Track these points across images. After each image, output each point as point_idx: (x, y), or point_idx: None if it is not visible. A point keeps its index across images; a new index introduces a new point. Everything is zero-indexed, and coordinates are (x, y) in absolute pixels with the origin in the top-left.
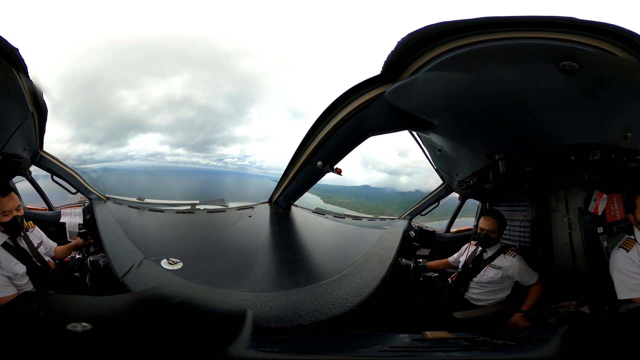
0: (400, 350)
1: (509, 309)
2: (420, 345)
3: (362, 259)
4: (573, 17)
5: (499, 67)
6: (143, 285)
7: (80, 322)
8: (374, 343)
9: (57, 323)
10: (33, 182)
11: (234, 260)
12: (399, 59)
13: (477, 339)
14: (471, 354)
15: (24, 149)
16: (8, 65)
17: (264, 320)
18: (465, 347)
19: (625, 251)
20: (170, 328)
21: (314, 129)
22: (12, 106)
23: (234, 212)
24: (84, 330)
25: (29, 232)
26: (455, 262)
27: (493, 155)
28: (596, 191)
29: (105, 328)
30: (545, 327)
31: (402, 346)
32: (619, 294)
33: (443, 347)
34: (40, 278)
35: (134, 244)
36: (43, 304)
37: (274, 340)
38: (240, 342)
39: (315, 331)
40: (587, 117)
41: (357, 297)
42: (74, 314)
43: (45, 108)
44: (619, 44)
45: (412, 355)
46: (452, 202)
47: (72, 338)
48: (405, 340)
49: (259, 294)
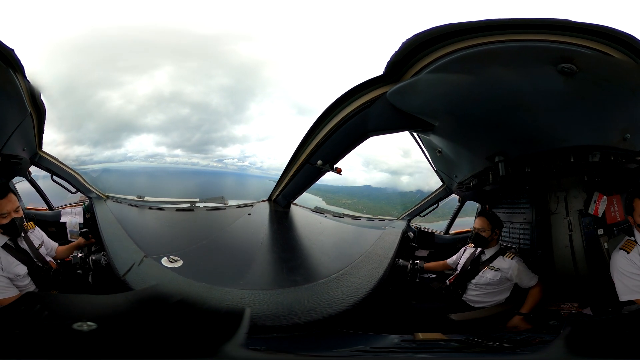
0: (381, 350)
1: (508, 311)
2: (407, 346)
3: (360, 258)
4: (568, 19)
5: (499, 70)
6: (144, 283)
7: (85, 321)
8: (365, 343)
9: (62, 323)
10: (33, 183)
11: (233, 258)
12: (402, 60)
13: (470, 341)
14: (460, 356)
15: (23, 150)
16: (5, 66)
17: (261, 318)
18: (456, 349)
19: (626, 253)
20: (170, 325)
21: (315, 127)
22: (10, 107)
23: (234, 210)
24: (90, 329)
25: (29, 233)
26: (454, 264)
27: (493, 157)
28: (596, 193)
29: (109, 326)
30: (546, 330)
31: (385, 347)
32: (621, 296)
33: (431, 349)
34: (42, 278)
35: (134, 242)
36: (47, 304)
37: (267, 338)
38: (237, 340)
39: (308, 330)
40: (586, 118)
41: (354, 297)
42: (78, 313)
43: (43, 108)
44: (614, 45)
45: (390, 356)
46: (454, 202)
47: (77, 337)
48: (394, 341)
49: (257, 292)
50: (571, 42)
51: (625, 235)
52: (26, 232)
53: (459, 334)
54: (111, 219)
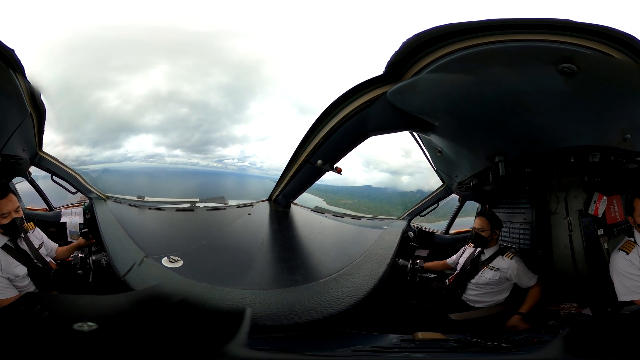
0: (381, 350)
1: (508, 311)
2: (406, 345)
3: (360, 258)
4: (569, 19)
5: (500, 70)
6: (145, 284)
7: (86, 322)
8: (365, 343)
9: (63, 323)
10: (33, 183)
11: (233, 258)
12: (402, 60)
13: (469, 341)
14: (458, 355)
15: (23, 150)
16: (5, 67)
17: (262, 318)
18: (454, 349)
19: (625, 253)
20: (172, 326)
21: (315, 127)
22: (10, 107)
23: (234, 210)
24: (91, 330)
25: (29, 233)
26: (454, 264)
27: (493, 157)
28: (596, 193)
29: (110, 327)
30: (545, 330)
31: (384, 346)
32: (620, 297)
33: (429, 348)
34: (42, 279)
35: (134, 242)
36: (47, 304)
37: (268, 338)
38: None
39: (309, 330)
40: (587, 119)
41: (354, 296)
42: (79, 313)
43: (43, 108)
44: (615, 45)
45: (389, 356)
46: (454, 202)
47: (78, 338)
48: (394, 341)
49: (257, 291)
50: (572, 42)
51: (625, 236)
52: (26, 233)
53: (457, 334)
54: (111, 219)
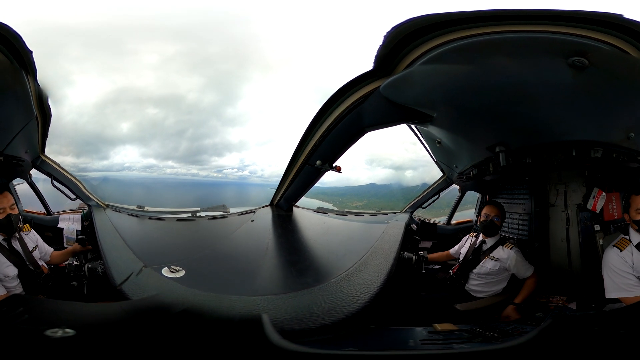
0: (433, 342)
1: (505, 301)
2: (435, 337)
3: (367, 254)
4: (587, 10)
5: (502, 60)
6: (143, 293)
7: (63, 328)
8: (395, 337)
9: (36, 327)
10: (33, 186)
11: (239, 265)
12: (390, 53)
13: (474, 331)
14: (473, 346)
15: (25, 152)
16: (19, 67)
17: (284, 322)
18: (467, 339)
19: (619, 250)
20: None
21: (311, 128)
22: (17, 108)
23: (236, 218)
24: (64, 337)
25: (24, 235)
26: (456, 254)
27: (493, 148)
28: (595, 188)
29: (96, 335)
30: (531, 321)
31: (430, 339)
32: (608, 293)
33: (454, 339)
34: (32, 282)
35: (133, 251)
36: (30, 307)
37: (304, 342)
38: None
39: (337, 330)
40: (592, 114)
41: (367, 292)
42: (62, 319)
43: (49, 112)
44: (634, 42)
45: (447, 347)
46: (454, 193)
47: (50, 344)
48: (423, 333)
49: (269, 297)
50: (588, 35)
51: (620, 233)
52: (21, 234)
53: (465, 324)
54: (110, 228)
